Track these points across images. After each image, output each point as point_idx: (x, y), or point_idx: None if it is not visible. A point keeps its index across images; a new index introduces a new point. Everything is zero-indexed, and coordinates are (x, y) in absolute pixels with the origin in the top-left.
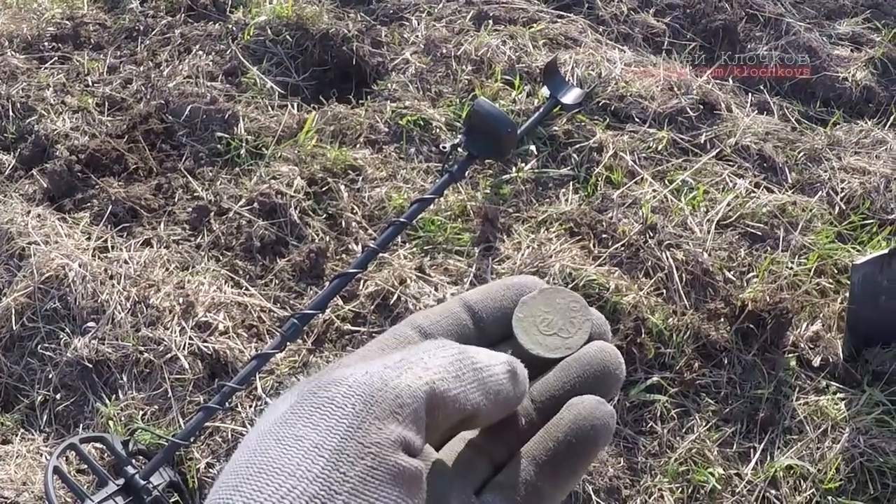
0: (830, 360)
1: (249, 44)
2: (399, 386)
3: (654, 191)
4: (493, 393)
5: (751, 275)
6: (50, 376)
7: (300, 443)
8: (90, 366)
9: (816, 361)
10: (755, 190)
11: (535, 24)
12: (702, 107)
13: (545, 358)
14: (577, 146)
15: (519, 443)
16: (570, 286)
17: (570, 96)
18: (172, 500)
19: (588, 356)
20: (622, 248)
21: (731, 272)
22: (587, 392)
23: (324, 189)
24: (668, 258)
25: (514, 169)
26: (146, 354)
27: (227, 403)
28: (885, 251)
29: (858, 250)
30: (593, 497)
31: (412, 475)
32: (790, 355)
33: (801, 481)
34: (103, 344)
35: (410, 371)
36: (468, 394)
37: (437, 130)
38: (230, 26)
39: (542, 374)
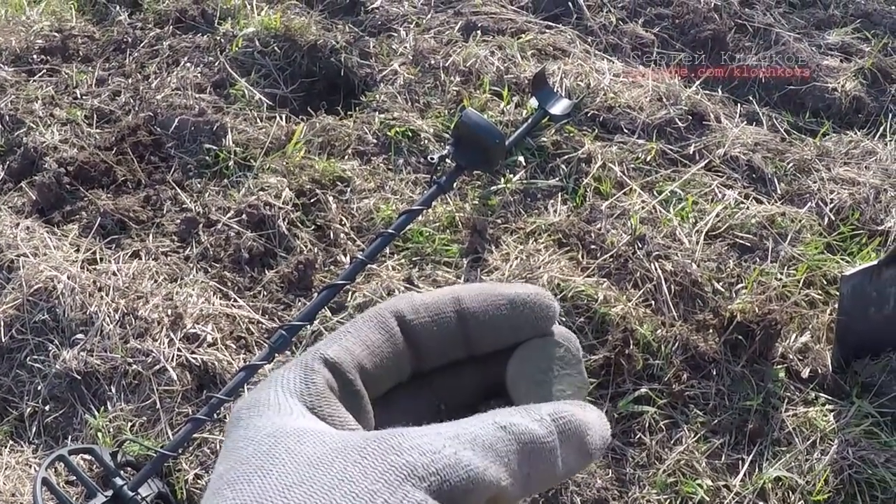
0: (819, 371)
1: (237, 55)
2: (476, 479)
3: (643, 202)
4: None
5: (739, 286)
6: (39, 388)
7: None
8: (79, 377)
9: (805, 373)
10: (744, 201)
11: (523, 35)
12: (690, 117)
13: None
14: (566, 157)
15: None
16: (558, 297)
17: (559, 107)
18: None
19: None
20: (611, 260)
21: (720, 283)
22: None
23: (312, 200)
24: (656, 269)
25: (502, 180)
26: (135, 366)
27: (215, 415)
28: (875, 262)
29: (848, 261)
30: None
31: None
32: (779, 367)
33: (790, 493)
34: (92, 356)
35: (494, 466)
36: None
37: (426, 141)
38: (218, 38)
39: None
